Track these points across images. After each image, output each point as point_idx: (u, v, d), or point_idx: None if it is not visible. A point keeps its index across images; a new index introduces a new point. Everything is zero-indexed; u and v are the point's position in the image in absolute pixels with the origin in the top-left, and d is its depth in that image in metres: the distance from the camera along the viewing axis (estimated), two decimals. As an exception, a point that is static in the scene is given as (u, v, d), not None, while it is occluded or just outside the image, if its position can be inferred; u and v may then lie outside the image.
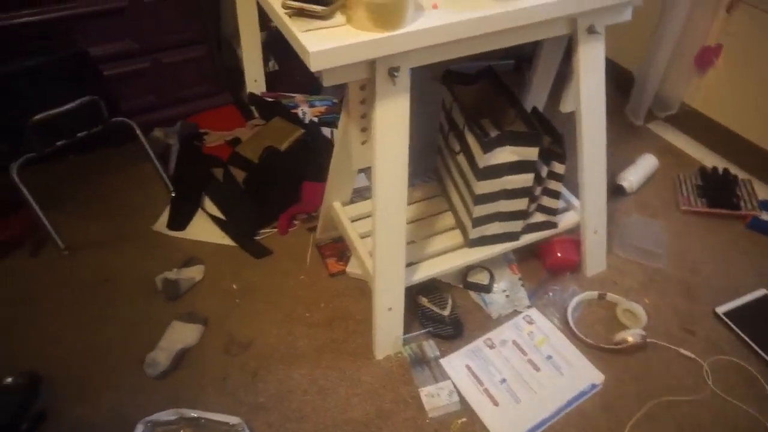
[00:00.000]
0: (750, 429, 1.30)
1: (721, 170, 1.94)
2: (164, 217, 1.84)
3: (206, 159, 1.98)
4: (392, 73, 1.04)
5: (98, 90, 1.61)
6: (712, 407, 1.34)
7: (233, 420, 1.32)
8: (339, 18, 1.00)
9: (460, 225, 1.52)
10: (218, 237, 1.78)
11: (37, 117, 1.51)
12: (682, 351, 1.44)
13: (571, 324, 1.49)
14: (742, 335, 1.47)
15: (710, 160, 2.02)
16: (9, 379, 1.28)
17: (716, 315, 1.53)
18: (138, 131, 1.81)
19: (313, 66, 0.93)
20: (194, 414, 1.33)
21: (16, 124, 1.51)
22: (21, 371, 1.33)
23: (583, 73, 1.29)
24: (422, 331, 1.48)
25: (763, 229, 1.76)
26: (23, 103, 1.50)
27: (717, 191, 1.86)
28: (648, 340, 1.44)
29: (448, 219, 1.57)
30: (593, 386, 1.38)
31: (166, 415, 1.33)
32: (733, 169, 1.94)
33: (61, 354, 1.48)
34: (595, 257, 1.62)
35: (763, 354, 1.43)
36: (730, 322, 1.50)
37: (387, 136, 1.11)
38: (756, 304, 1.55)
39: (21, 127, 1.51)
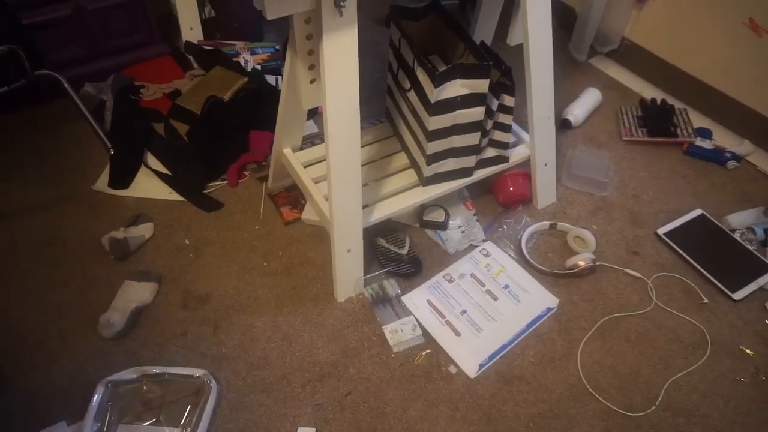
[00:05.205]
0: (689, 333, 1.41)
1: (659, 101, 2.01)
2: (105, 175, 1.75)
3: (145, 113, 1.89)
4: (339, 3, 1.00)
5: (17, 39, 1.48)
6: (656, 319, 1.44)
7: (198, 372, 1.30)
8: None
9: (414, 164, 1.52)
10: (165, 193, 1.71)
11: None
12: (629, 271, 1.52)
13: (526, 254, 1.54)
14: (681, 252, 1.56)
15: (649, 92, 2.09)
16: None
17: (658, 236, 1.61)
18: (66, 85, 1.68)
19: (255, -7, 0.88)
20: (156, 370, 1.31)
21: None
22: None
23: (530, 3, 1.28)
24: (382, 270, 1.50)
25: (700, 155, 1.85)
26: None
27: (656, 121, 1.93)
28: (597, 263, 1.51)
29: (401, 159, 1.57)
30: (549, 310, 1.44)
31: (128, 374, 1.30)
32: (670, 100, 2.02)
33: (8, 322, 1.41)
34: (545, 189, 1.66)
35: (699, 267, 1.53)
36: (670, 242, 1.59)
37: (336, 70, 1.08)
38: (693, 224, 1.64)
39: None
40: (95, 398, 1.25)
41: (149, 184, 1.73)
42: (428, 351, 1.36)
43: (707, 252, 1.56)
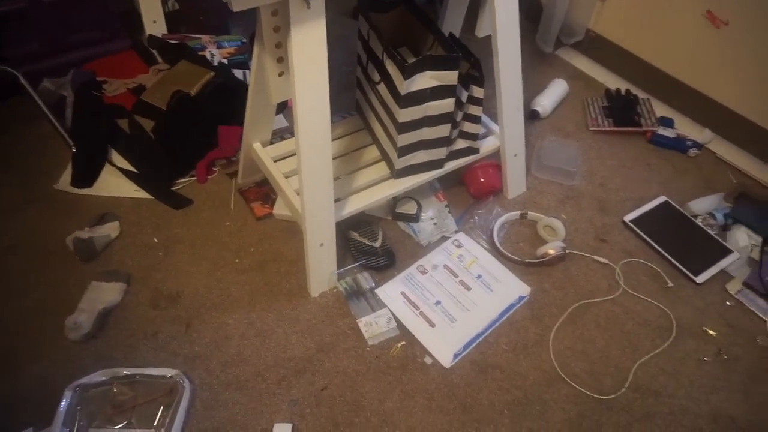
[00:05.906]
0: (655, 316, 1.45)
1: (623, 91, 2.05)
2: (67, 174, 1.70)
3: (108, 109, 1.83)
4: (305, -7, 0.99)
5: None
6: (624, 304, 1.47)
7: (170, 372, 1.28)
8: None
9: (385, 157, 1.52)
10: (131, 191, 1.67)
11: None
12: (597, 258, 1.56)
13: (497, 244, 1.56)
14: (647, 239, 1.60)
15: (614, 82, 2.13)
16: None
17: (625, 223, 1.65)
18: (23, 81, 1.63)
19: (219, -17, 0.86)
20: (127, 372, 1.28)
21: None
22: None
23: (497, -7, 1.29)
24: (355, 264, 1.50)
25: (663, 143, 1.90)
26: None
27: (621, 111, 1.97)
28: (567, 251, 1.54)
29: (372, 152, 1.56)
30: (521, 298, 1.46)
31: (97, 377, 1.27)
32: (634, 90, 2.06)
33: (-33, 328, 1.36)
34: (515, 180, 1.68)
35: (664, 253, 1.57)
36: (636, 229, 1.63)
37: (305, 62, 1.07)
38: (657, 210, 1.69)
39: None
40: (63, 403, 1.21)
41: (114, 182, 1.69)
42: (403, 343, 1.37)
43: (671, 238, 1.60)
